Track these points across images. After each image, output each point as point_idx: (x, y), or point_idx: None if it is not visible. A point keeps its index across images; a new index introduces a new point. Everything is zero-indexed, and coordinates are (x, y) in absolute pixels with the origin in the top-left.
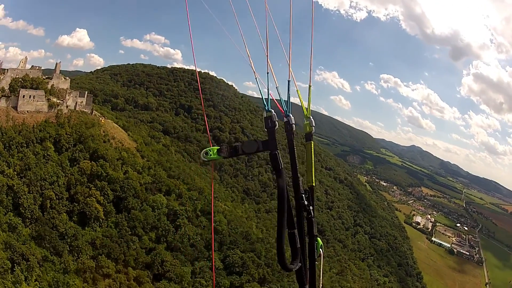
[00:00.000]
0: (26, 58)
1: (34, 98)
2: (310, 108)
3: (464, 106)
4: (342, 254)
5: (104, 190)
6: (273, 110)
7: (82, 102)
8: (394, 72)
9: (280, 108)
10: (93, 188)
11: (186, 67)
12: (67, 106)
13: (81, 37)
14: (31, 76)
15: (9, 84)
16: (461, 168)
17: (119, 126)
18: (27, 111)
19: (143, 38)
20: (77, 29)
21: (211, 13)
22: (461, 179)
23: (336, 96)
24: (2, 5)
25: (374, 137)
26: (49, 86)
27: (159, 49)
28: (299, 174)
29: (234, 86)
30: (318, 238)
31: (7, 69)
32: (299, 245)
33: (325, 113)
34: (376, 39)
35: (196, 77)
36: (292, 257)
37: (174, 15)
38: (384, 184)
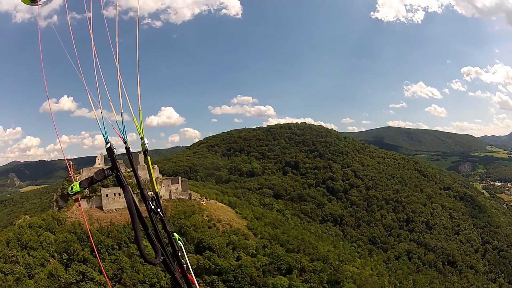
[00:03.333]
0: (101, 154)
1: (119, 195)
2: (143, 130)
3: None
4: (476, 282)
5: (215, 285)
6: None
7: (177, 188)
8: (472, 62)
9: (120, 136)
10: (201, 283)
11: (282, 121)
12: (161, 197)
13: (169, 114)
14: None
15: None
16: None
17: (224, 204)
18: (115, 209)
19: (231, 103)
20: (162, 108)
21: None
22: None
23: (430, 106)
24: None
25: (476, 136)
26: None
27: (250, 109)
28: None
29: (333, 127)
30: (174, 233)
31: (82, 170)
32: (157, 242)
33: (426, 127)
34: (442, 34)
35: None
36: (155, 252)
37: (252, 73)
38: (499, 184)
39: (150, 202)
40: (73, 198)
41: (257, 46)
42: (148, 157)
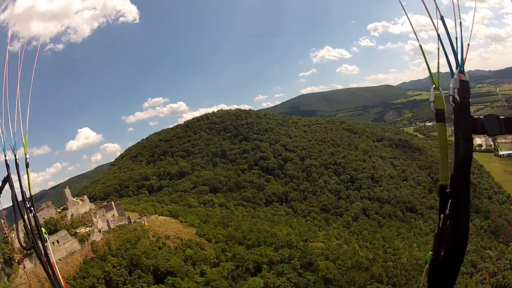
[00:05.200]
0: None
1: (58, 242)
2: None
3: (449, 12)
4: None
5: None
6: None
7: (113, 215)
8: (378, 18)
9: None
10: None
11: (196, 114)
12: (100, 230)
13: (86, 135)
14: (43, 220)
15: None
16: (481, 70)
17: (166, 216)
18: (59, 260)
19: (143, 108)
20: (78, 130)
21: None
22: (488, 80)
23: (341, 67)
24: None
25: (394, 85)
26: (68, 217)
27: (163, 109)
28: None
29: (248, 107)
30: (42, 228)
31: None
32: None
33: (340, 87)
34: None
35: None
36: (28, 239)
37: (157, 74)
38: (430, 124)
39: (28, 202)
40: (16, 260)
41: (158, 46)
42: (28, 169)
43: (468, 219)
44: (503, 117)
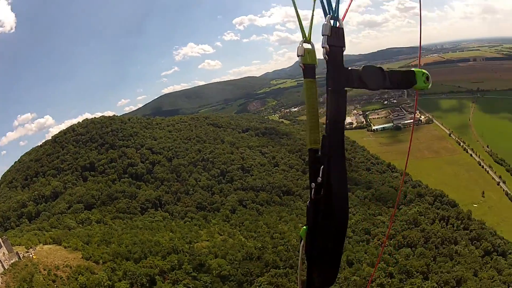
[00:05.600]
0: None
1: None
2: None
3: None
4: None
5: None
6: None
7: (4, 254)
8: (245, 12)
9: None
10: None
11: (62, 126)
12: None
13: None
14: None
15: None
16: (350, 54)
17: (50, 244)
18: None
19: (13, 127)
20: None
21: None
22: (357, 63)
23: (204, 62)
24: None
25: (258, 76)
26: None
27: (31, 126)
28: None
29: (111, 113)
30: None
31: None
32: None
33: (202, 83)
34: None
35: None
36: None
37: (25, 87)
38: (295, 109)
39: None
40: None
41: (28, 56)
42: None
43: (345, 185)
44: (388, 69)
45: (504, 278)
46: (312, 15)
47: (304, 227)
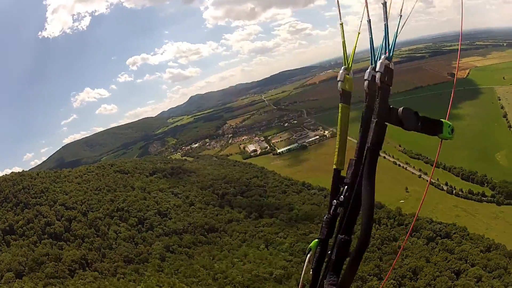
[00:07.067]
0: None
1: None
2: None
3: (216, 35)
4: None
5: None
6: None
7: None
8: (138, 51)
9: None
10: None
11: None
12: None
13: None
14: None
15: None
16: (243, 83)
17: None
18: None
19: None
20: None
21: None
22: (252, 91)
23: (100, 107)
24: None
25: (154, 116)
26: None
27: None
28: None
29: (19, 169)
30: None
31: None
32: None
33: (101, 129)
34: (108, 34)
35: None
36: None
37: None
38: (196, 145)
39: None
40: None
41: None
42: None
43: (372, 206)
44: (422, 115)
45: (458, 255)
46: (355, 46)
47: (316, 240)
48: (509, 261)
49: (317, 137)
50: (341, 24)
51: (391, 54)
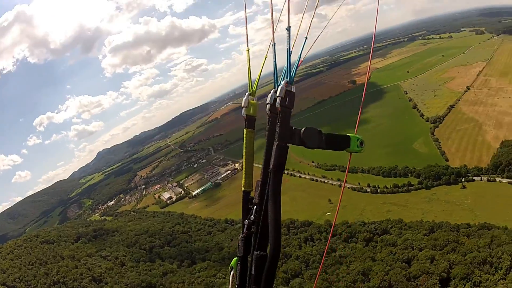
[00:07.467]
0: None
1: None
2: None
3: (116, 83)
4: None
5: None
6: None
7: None
8: (43, 109)
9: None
10: None
11: None
12: None
13: None
14: None
15: None
16: (146, 131)
17: None
18: None
19: None
20: None
21: None
22: (156, 137)
23: (16, 175)
24: None
25: (67, 178)
26: None
27: None
28: None
29: None
30: None
31: None
32: None
33: (20, 198)
34: (16, 93)
35: None
36: None
37: None
38: (111, 203)
39: None
40: None
41: None
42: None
43: (279, 221)
44: (328, 133)
45: (402, 245)
46: (261, 70)
47: (235, 258)
48: (458, 234)
49: (229, 171)
50: (248, 50)
51: (292, 78)
